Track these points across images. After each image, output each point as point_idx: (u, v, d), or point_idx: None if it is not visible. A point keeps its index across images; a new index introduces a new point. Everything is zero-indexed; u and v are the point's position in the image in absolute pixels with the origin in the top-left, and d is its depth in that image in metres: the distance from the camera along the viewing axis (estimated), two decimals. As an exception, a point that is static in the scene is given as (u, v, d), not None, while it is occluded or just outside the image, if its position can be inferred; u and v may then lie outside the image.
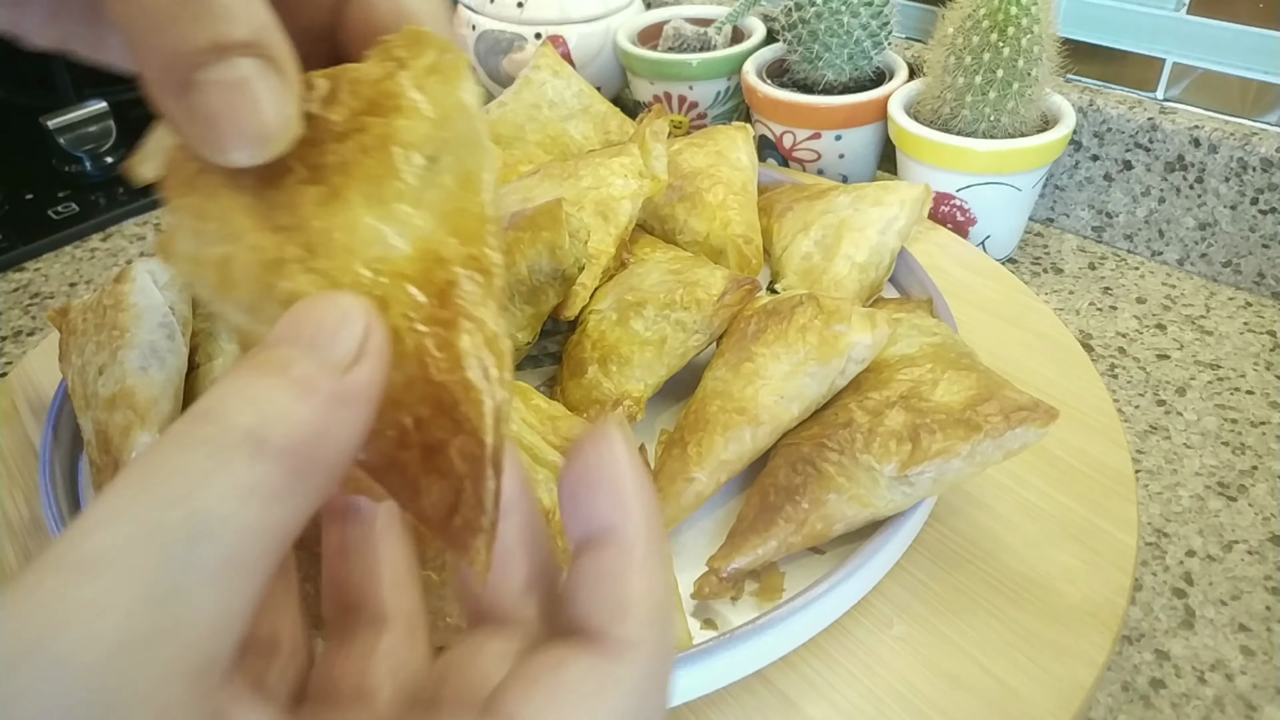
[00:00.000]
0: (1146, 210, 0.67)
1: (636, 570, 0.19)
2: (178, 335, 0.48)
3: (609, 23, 0.85)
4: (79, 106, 0.87)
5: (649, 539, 0.20)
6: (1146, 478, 0.50)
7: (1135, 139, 0.65)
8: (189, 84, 0.19)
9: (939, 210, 0.66)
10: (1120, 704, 0.40)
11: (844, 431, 0.41)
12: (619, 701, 0.18)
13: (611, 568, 0.19)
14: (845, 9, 0.68)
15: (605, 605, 0.19)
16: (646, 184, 0.57)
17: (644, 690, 0.19)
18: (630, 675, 0.19)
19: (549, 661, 0.18)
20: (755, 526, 0.41)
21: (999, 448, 0.39)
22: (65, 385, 0.51)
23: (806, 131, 0.72)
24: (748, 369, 0.45)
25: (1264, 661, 0.41)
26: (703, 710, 0.37)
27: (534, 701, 0.17)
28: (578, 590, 0.19)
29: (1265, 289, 0.63)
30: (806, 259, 0.56)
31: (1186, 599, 0.44)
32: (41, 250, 0.78)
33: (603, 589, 0.19)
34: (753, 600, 0.41)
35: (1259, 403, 0.55)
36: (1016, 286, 0.60)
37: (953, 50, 0.62)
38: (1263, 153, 0.60)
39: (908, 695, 0.37)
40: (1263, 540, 0.46)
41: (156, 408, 0.45)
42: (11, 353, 0.67)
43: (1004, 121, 0.62)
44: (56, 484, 0.47)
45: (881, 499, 0.40)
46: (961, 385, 0.41)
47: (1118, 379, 0.57)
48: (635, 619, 0.19)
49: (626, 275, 0.54)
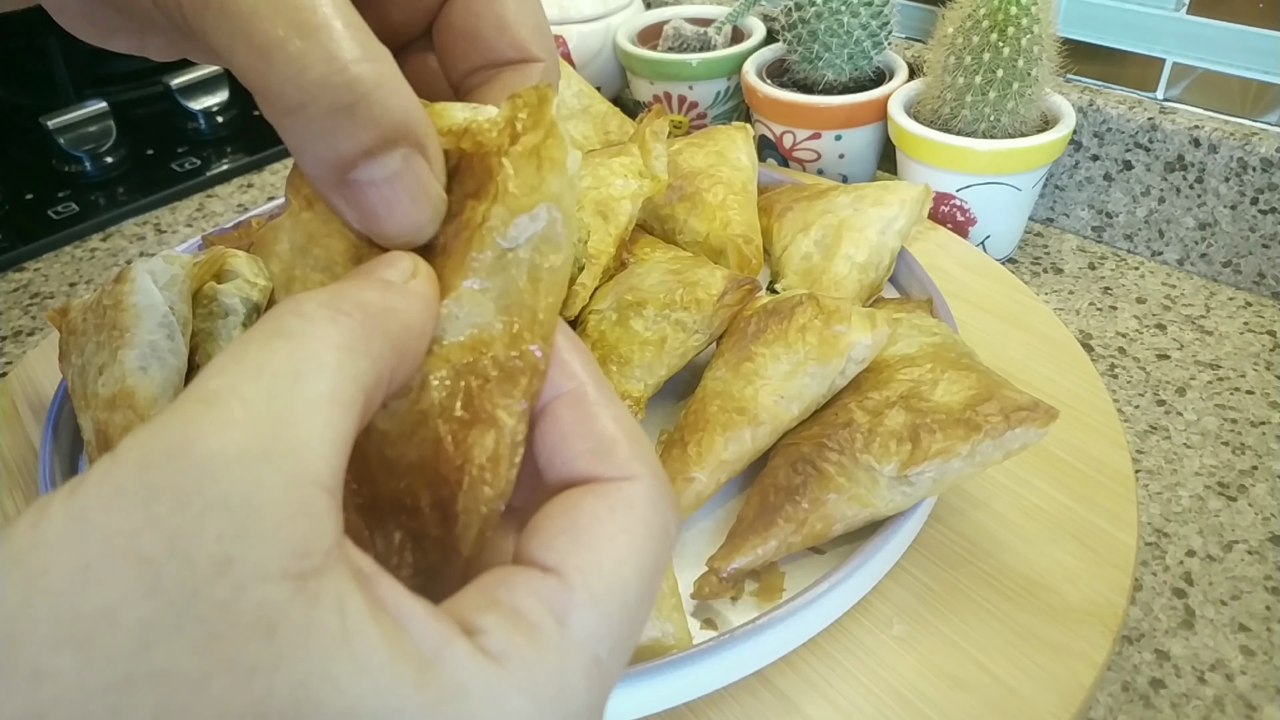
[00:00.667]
0: (1146, 210, 0.67)
1: (599, 410, 0.21)
2: (178, 335, 0.48)
3: (609, 23, 0.85)
4: (79, 106, 0.87)
5: (596, 382, 0.21)
6: (1146, 478, 0.50)
7: (1135, 139, 0.65)
8: (345, 183, 0.21)
9: (939, 210, 0.66)
10: (1120, 704, 0.40)
11: (844, 431, 0.41)
12: (637, 522, 0.19)
13: (574, 418, 0.21)
14: (845, 9, 0.68)
15: (586, 453, 0.20)
16: (646, 184, 0.57)
17: (656, 507, 0.20)
18: (638, 495, 0.20)
19: (558, 508, 0.19)
20: (755, 526, 0.41)
21: (999, 448, 0.39)
22: (65, 385, 0.51)
23: (806, 131, 0.72)
24: (748, 369, 0.45)
25: (1264, 661, 0.41)
26: (703, 710, 0.37)
27: (558, 542, 0.18)
28: (554, 452, 0.21)
29: (1265, 289, 0.63)
30: (806, 259, 0.56)
31: (1186, 599, 0.44)
32: (41, 250, 0.78)
33: (576, 441, 0.20)
34: (753, 600, 0.41)
35: (1259, 403, 0.55)
36: (1016, 286, 0.60)
37: (953, 50, 0.62)
38: (1263, 153, 0.60)
39: (908, 695, 0.37)
40: (1263, 540, 0.46)
41: (156, 408, 0.45)
42: (11, 353, 0.67)
43: (1004, 121, 0.62)
44: (56, 484, 0.47)
45: (881, 499, 0.40)
46: (961, 385, 0.41)
47: (1118, 379, 0.57)
48: (620, 451, 0.20)
49: (626, 275, 0.54)
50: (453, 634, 0.16)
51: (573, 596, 0.18)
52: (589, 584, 0.18)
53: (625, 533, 0.19)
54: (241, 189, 0.86)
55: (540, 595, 0.17)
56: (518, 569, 0.18)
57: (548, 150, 0.21)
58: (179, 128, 0.92)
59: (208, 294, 0.53)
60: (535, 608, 0.17)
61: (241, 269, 0.55)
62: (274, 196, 0.84)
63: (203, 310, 0.52)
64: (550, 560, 0.18)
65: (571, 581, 0.18)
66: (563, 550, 0.18)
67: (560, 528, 0.19)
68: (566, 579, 0.18)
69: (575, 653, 0.17)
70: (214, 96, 0.92)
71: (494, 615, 0.17)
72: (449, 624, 0.16)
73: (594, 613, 0.18)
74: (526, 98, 0.22)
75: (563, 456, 0.20)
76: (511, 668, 0.16)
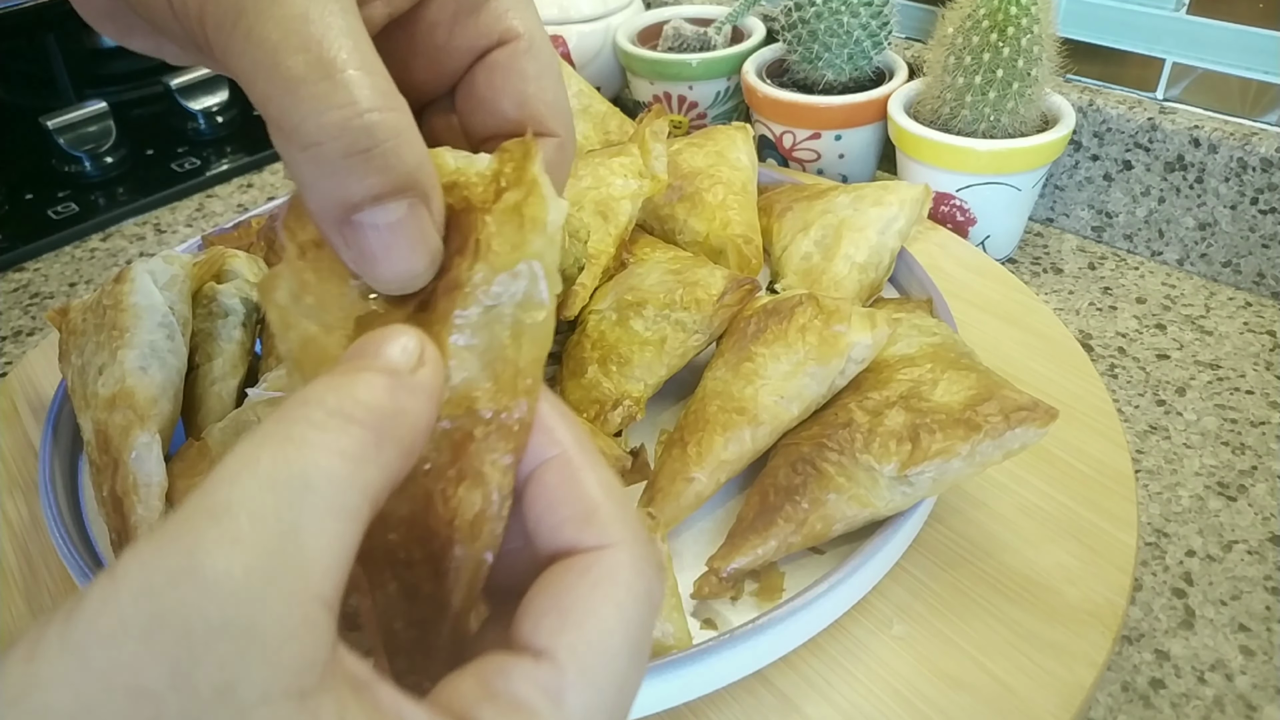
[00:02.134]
0: (1146, 210, 0.67)
1: (582, 474, 0.21)
2: (177, 335, 0.48)
3: (609, 23, 0.85)
4: (79, 106, 0.87)
5: (579, 445, 0.21)
6: (1146, 478, 0.50)
7: (1135, 139, 0.65)
8: (348, 224, 0.21)
9: (939, 210, 0.66)
10: (1120, 704, 0.40)
11: (844, 431, 0.41)
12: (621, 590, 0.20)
13: (558, 483, 0.21)
14: (845, 9, 0.68)
15: (570, 519, 0.20)
16: (646, 184, 0.57)
17: (638, 571, 0.20)
18: (621, 563, 0.20)
19: (544, 587, 0.20)
20: (755, 526, 0.41)
21: (999, 448, 0.39)
22: (65, 385, 0.51)
23: (806, 131, 0.72)
24: (747, 369, 0.45)
25: (1264, 661, 0.41)
26: (703, 710, 0.37)
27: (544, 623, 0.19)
28: (540, 520, 0.21)
29: (1265, 289, 0.63)
30: (806, 259, 0.56)
31: (1186, 599, 0.44)
32: (41, 250, 0.78)
33: (560, 507, 0.21)
34: (753, 600, 0.41)
35: (1259, 403, 0.55)
36: (1016, 286, 0.60)
37: (953, 50, 0.62)
38: (1263, 153, 0.60)
39: (908, 695, 0.37)
40: (1263, 540, 0.46)
41: (156, 408, 0.45)
42: (11, 353, 0.67)
43: (1004, 121, 0.62)
44: (56, 484, 0.47)
45: (881, 499, 0.40)
46: (961, 385, 0.41)
47: (1118, 379, 0.57)
48: (601, 515, 0.20)
49: (626, 275, 0.54)
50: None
51: (565, 677, 0.18)
52: (579, 661, 0.19)
53: (609, 603, 0.19)
54: (241, 189, 0.86)
55: (535, 681, 0.18)
56: (512, 657, 0.19)
57: (529, 209, 0.21)
58: (179, 128, 0.92)
59: (207, 294, 0.53)
60: (531, 694, 0.18)
61: (241, 269, 0.55)
62: (274, 196, 0.84)
63: (202, 310, 0.52)
64: (541, 643, 0.19)
65: (562, 662, 0.18)
66: (551, 631, 0.19)
67: (546, 609, 0.19)
68: (557, 661, 0.18)
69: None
70: (214, 96, 0.92)
71: (492, 707, 0.18)
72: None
73: (588, 689, 0.19)
74: (513, 152, 0.22)
75: (548, 524, 0.21)
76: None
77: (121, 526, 0.42)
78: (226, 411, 0.48)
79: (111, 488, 0.43)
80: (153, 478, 0.43)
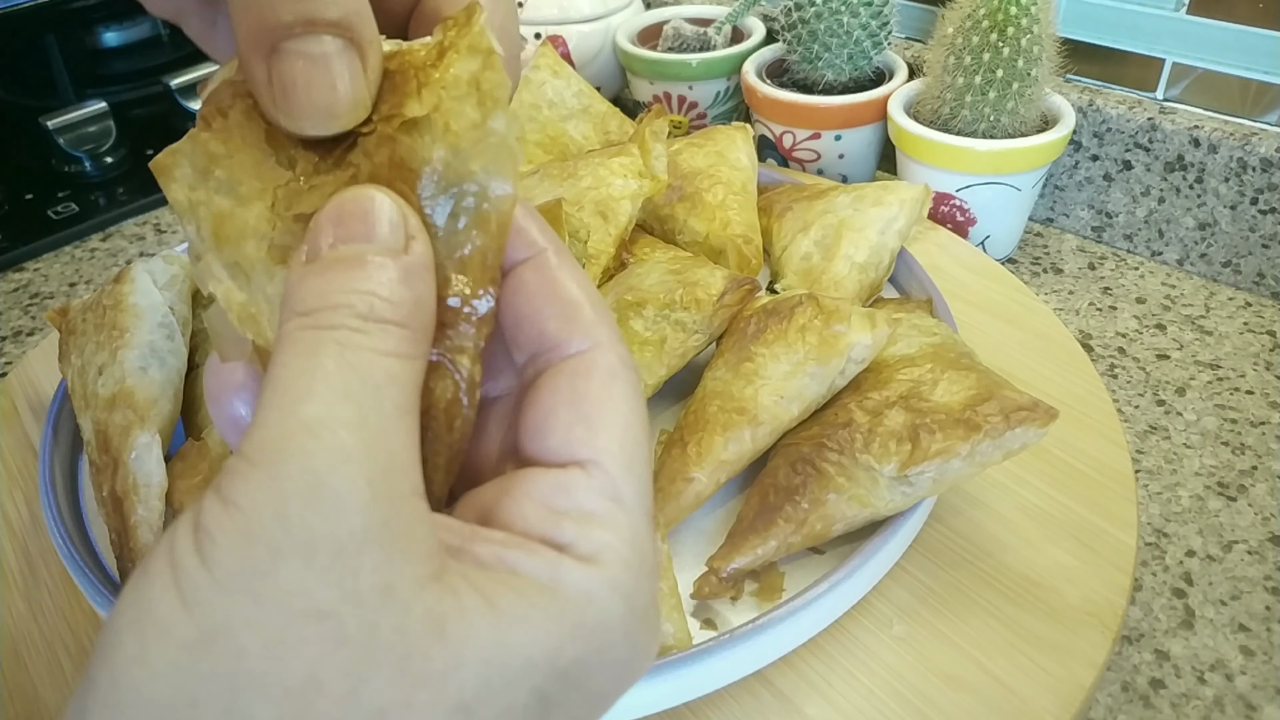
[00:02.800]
0: (1146, 210, 0.67)
1: (561, 275, 0.21)
2: (177, 335, 0.48)
3: (609, 23, 0.85)
4: (79, 106, 0.87)
5: (555, 247, 0.22)
6: (1146, 478, 0.50)
7: (1135, 139, 0.65)
8: (275, 50, 0.20)
9: (939, 210, 0.66)
10: (1120, 704, 0.40)
11: (844, 431, 0.41)
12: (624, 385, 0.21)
13: (538, 283, 0.21)
14: (845, 9, 0.68)
15: (553, 317, 0.21)
16: (646, 184, 0.57)
17: (625, 363, 0.22)
18: (615, 361, 0.21)
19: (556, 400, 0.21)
20: (755, 526, 0.41)
21: (999, 448, 0.39)
22: (65, 385, 0.51)
23: (806, 131, 0.72)
24: (747, 369, 0.45)
25: (1264, 661, 0.41)
26: (703, 710, 0.37)
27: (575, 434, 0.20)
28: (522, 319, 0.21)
29: (1265, 289, 0.63)
30: (806, 259, 0.56)
31: (1186, 599, 0.44)
32: (41, 250, 0.78)
33: (542, 305, 0.21)
34: (753, 600, 0.41)
35: (1259, 403, 0.55)
36: (1016, 286, 0.60)
37: (952, 50, 0.62)
38: (1262, 153, 0.60)
39: (908, 695, 0.37)
40: (1262, 540, 0.46)
41: (156, 408, 0.45)
42: (11, 353, 0.67)
43: (1004, 121, 0.62)
44: (56, 484, 0.47)
45: (881, 499, 0.40)
46: (961, 385, 0.41)
47: (1117, 379, 0.57)
48: (585, 314, 0.21)
49: (626, 275, 0.53)
50: (554, 558, 0.18)
51: (616, 479, 0.20)
52: (619, 460, 0.20)
53: (621, 401, 0.21)
54: (241, 189, 0.86)
55: (595, 490, 0.20)
56: (562, 473, 0.20)
57: (487, 82, 0.20)
58: (179, 128, 0.92)
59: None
60: (598, 503, 0.19)
61: (241, 269, 0.55)
62: (274, 196, 0.84)
63: (202, 310, 0.52)
64: (582, 454, 0.20)
65: (608, 466, 0.20)
66: (585, 441, 0.20)
67: (570, 420, 0.20)
68: (603, 466, 0.20)
69: (640, 517, 0.20)
70: (214, 96, 0.92)
71: (573, 525, 0.19)
72: (545, 552, 0.18)
73: (634, 480, 0.20)
74: (458, 19, 0.21)
75: (531, 323, 0.21)
76: (607, 560, 0.19)
77: (121, 526, 0.42)
78: (226, 411, 0.48)
79: (111, 488, 0.43)
80: (153, 478, 0.43)
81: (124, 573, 0.41)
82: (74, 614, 0.44)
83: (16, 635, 0.43)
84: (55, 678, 0.41)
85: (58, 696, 0.40)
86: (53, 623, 0.44)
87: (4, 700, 0.40)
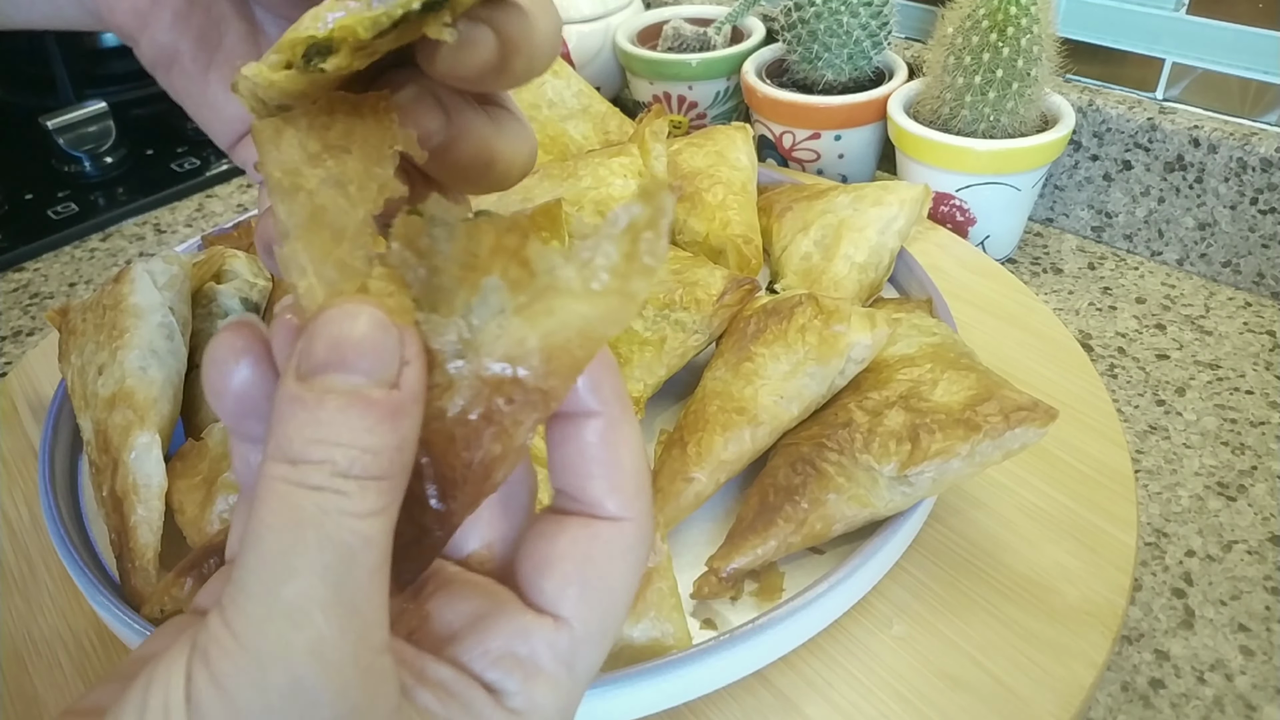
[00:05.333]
0: (1146, 210, 0.67)
1: (620, 444, 0.22)
2: (177, 336, 0.48)
3: (609, 23, 0.85)
4: (79, 106, 0.87)
5: (623, 407, 0.22)
6: (1146, 478, 0.50)
7: (1135, 139, 0.65)
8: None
9: (938, 210, 0.66)
10: (1120, 704, 0.40)
11: (844, 431, 0.41)
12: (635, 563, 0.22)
13: (598, 445, 0.22)
14: (845, 9, 0.68)
15: (600, 479, 0.22)
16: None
17: (646, 543, 0.22)
18: (638, 539, 0.22)
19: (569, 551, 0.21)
20: (755, 526, 0.41)
21: (998, 448, 0.39)
22: (65, 385, 0.51)
23: (806, 131, 0.72)
24: (747, 369, 0.45)
25: (1264, 661, 0.41)
26: (703, 710, 0.37)
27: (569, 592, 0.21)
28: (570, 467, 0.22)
29: (1265, 289, 0.63)
30: (806, 259, 0.56)
31: (1186, 599, 0.44)
32: (41, 250, 0.78)
33: (594, 466, 0.22)
34: (752, 600, 0.41)
35: (1259, 403, 0.55)
36: (1016, 286, 0.60)
37: (952, 50, 0.62)
38: (1262, 153, 0.60)
39: (908, 695, 0.37)
40: (1262, 540, 0.46)
41: (156, 408, 0.45)
42: (11, 353, 0.67)
43: (1003, 121, 0.62)
44: (56, 484, 0.47)
45: (881, 499, 0.40)
46: (961, 385, 0.41)
47: (1117, 379, 0.57)
48: (629, 488, 0.22)
49: (626, 275, 0.53)
50: (487, 704, 0.20)
51: (579, 644, 0.21)
52: (592, 629, 0.21)
53: (622, 577, 0.21)
54: (241, 189, 0.86)
55: (555, 647, 0.20)
56: (534, 620, 0.21)
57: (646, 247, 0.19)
58: (179, 128, 0.92)
59: (207, 294, 0.53)
60: (551, 661, 0.20)
61: (241, 269, 0.55)
62: (274, 196, 0.84)
63: (202, 310, 0.52)
64: (564, 611, 0.21)
65: (579, 632, 0.21)
66: (573, 601, 0.21)
67: (570, 577, 0.21)
68: (574, 629, 0.21)
69: (582, 686, 0.21)
70: (214, 96, 0.92)
71: (518, 675, 0.20)
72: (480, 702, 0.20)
73: (594, 651, 0.21)
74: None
75: (576, 475, 0.22)
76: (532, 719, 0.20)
77: (121, 526, 0.42)
78: (226, 411, 0.48)
79: (111, 488, 0.43)
80: (152, 478, 0.43)
81: (124, 573, 0.41)
82: (74, 614, 0.44)
83: (16, 635, 0.43)
84: (55, 678, 0.41)
85: (58, 697, 0.40)
86: (53, 623, 0.44)
87: (4, 700, 0.40)
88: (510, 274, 0.20)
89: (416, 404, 0.20)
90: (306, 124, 0.21)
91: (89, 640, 0.43)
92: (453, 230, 0.20)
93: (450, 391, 0.20)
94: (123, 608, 0.39)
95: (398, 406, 0.19)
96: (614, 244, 0.19)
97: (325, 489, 0.18)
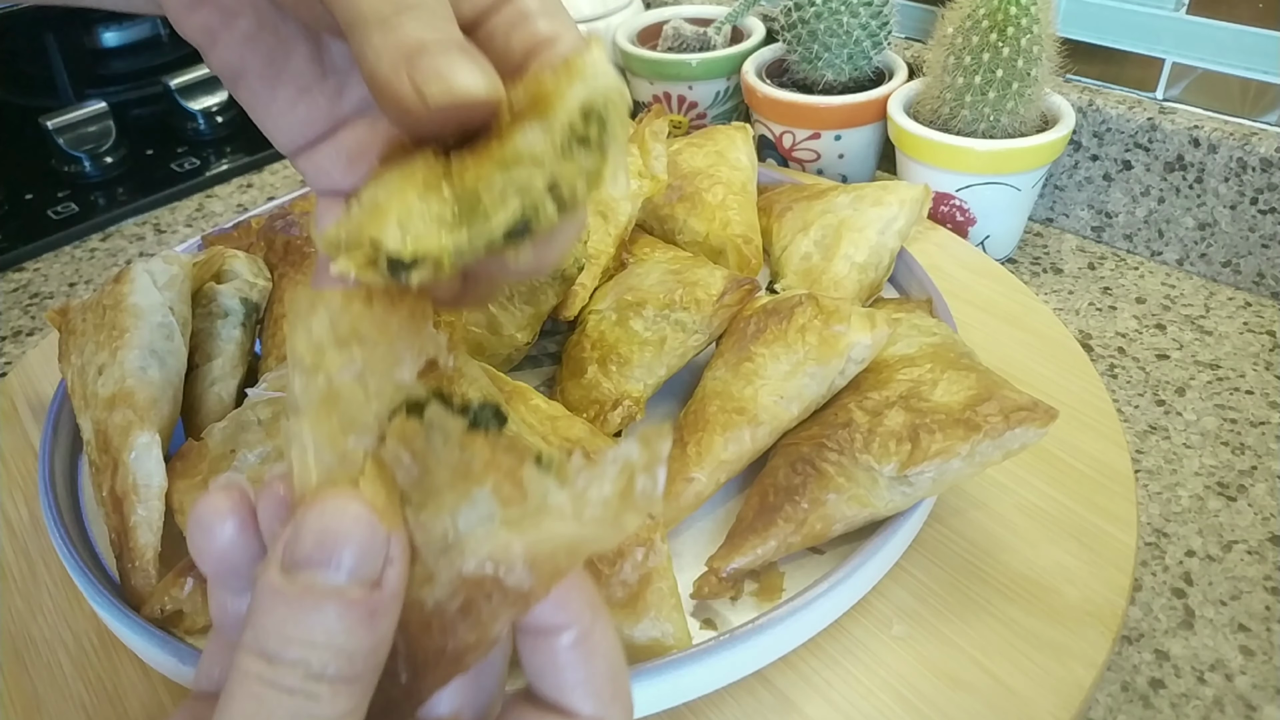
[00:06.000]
0: (1146, 210, 0.67)
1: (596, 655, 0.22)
2: (177, 336, 0.48)
3: (609, 23, 0.85)
4: (79, 106, 0.87)
5: (597, 619, 0.22)
6: (1146, 478, 0.50)
7: (1135, 139, 0.65)
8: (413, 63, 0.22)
9: (938, 210, 0.66)
10: (1120, 704, 0.40)
11: (844, 431, 0.41)
12: None
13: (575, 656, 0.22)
14: (845, 9, 0.68)
15: (577, 685, 0.22)
16: (646, 184, 0.57)
17: None
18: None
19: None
20: (755, 526, 0.41)
21: (998, 448, 0.39)
22: (65, 385, 0.50)
23: (806, 131, 0.72)
24: (747, 369, 0.45)
25: (1264, 661, 0.41)
26: (703, 710, 0.37)
27: None
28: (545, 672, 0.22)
29: (1265, 289, 0.63)
30: (806, 259, 0.56)
31: (1186, 599, 0.44)
32: (41, 250, 0.78)
33: (568, 673, 0.22)
34: (752, 600, 0.41)
35: (1258, 403, 0.55)
36: (1016, 286, 0.60)
37: (952, 50, 0.62)
38: (1262, 153, 0.60)
39: (907, 695, 0.37)
40: (1262, 540, 0.46)
41: (156, 408, 0.45)
42: (11, 353, 0.67)
43: (1003, 121, 0.62)
44: (56, 484, 0.47)
45: (881, 499, 0.40)
46: (961, 385, 0.41)
47: (1117, 379, 0.57)
48: (605, 693, 0.22)
49: (626, 275, 0.54)
50: None
51: None
52: None
53: None
54: (241, 189, 0.86)
55: None
56: None
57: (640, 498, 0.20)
58: (178, 128, 0.92)
59: (207, 294, 0.53)
60: None
61: (241, 269, 0.55)
62: (273, 196, 0.84)
63: (202, 310, 0.52)
64: None
65: None
66: None
67: None
68: None
69: None
70: (213, 96, 0.92)
71: None
72: None
73: None
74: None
75: (553, 683, 0.22)
76: None
77: (121, 526, 0.42)
78: (226, 412, 0.48)
79: (111, 488, 0.43)
80: (152, 478, 0.43)
81: (124, 573, 0.41)
82: (74, 614, 0.44)
83: (16, 635, 0.43)
84: (55, 678, 0.41)
85: (57, 696, 0.40)
86: (53, 623, 0.44)
87: (4, 700, 0.40)
88: (503, 491, 0.20)
89: (396, 601, 0.20)
90: (341, 304, 0.21)
91: (89, 640, 0.43)
92: (449, 437, 0.21)
93: (431, 584, 0.21)
94: (123, 608, 0.39)
95: (377, 607, 0.19)
96: (610, 482, 0.20)
97: (298, 692, 0.18)
